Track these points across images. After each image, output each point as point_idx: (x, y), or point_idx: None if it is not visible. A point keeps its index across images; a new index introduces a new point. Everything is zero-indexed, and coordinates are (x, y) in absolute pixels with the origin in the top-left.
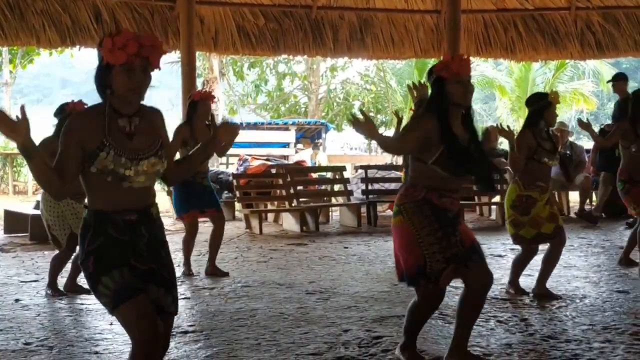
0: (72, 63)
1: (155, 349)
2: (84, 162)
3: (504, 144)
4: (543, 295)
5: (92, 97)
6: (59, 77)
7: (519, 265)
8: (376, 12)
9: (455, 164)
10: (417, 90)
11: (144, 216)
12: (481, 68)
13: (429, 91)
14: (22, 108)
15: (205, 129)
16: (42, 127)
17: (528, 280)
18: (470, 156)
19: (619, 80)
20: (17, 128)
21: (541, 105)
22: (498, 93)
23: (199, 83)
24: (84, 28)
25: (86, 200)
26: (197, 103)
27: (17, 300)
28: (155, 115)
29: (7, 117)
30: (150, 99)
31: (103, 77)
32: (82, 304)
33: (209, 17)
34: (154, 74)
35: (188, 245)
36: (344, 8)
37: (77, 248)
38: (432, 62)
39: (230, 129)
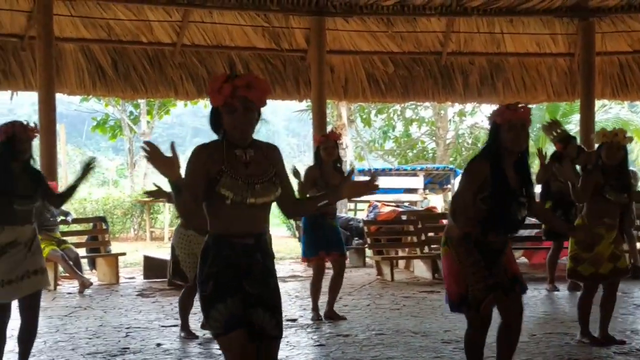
0: (203, 112)
1: None
2: (208, 188)
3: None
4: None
5: None
6: (191, 127)
7: (584, 310)
8: (507, 57)
9: (500, 205)
10: (551, 128)
11: (258, 242)
12: (615, 110)
13: (562, 128)
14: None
15: (333, 172)
16: None
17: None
18: (514, 201)
19: None
20: (171, 164)
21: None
22: (635, 136)
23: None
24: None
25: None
26: (320, 147)
27: (158, 345)
28: (271, 150)
29: (162, 154)
30: (278, 145)
31: (214, 118)
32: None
33: (339, 66)
34: (281, 120)
35: (316, 289)
36: (474, 53)
37: None
38: (564, 105)
39: (357, 188)
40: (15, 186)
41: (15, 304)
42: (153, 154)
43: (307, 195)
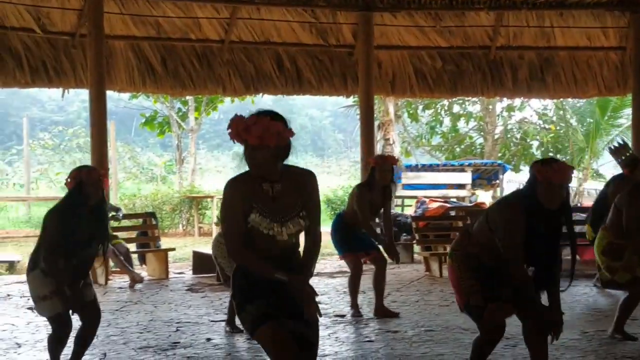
0: (250, 109)
1: None
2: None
3: None
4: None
5: None
6: None
7: (624, 310)
8: (557, 51)
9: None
10: (619, 153)
11: (287, 252)
12: None
13: (629, 151)
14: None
15: (379, 191)
16: (223, 170)
17: None
18: (536, 255)
19: None
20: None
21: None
22: None
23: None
24: (266, 76)
25: None
26: (374, 168)
27: (208, 340)
28: (302, 178)
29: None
30: (324, 141)
31: (244, 151)
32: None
33: (387, 61)
34: (328, 116)
35: (354, 285)
36: (524, 47)
37: None
38: (615, 100)
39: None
40: (79, 231)
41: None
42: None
43: (302, 257)
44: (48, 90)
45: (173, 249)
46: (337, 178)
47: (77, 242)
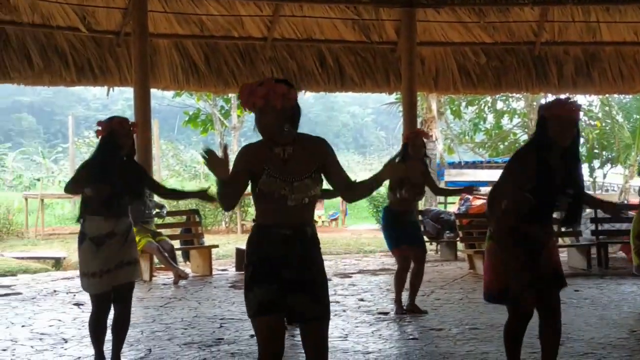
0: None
1: None
2: (252, 185)
3: None
4: None
5: None
6: None
7: None
8: (603, 46)
9: (545, 197)
10: None
11: (299, 233)
12: None
13: None
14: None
15: (415, 164)
16: None
17: None
18: (560, 193)
19: None
20: (222, 164)
21: None
22: None
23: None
24: (309, 73)
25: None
26: (406, 144)
27: (252, 336)
28: (317, 144)
29: (217, 157)
30: (366, 138)
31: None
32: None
33: (430, 58)
34: (370, 113)
35: (400, 280)
36: (569, 43)
37: None
38: None
39: (396, 168)
40: (118, 180)
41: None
42: (210, 158)
43: (357, 181)
44: (92, 89)
45: (216, 246)
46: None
47: (110, 196)
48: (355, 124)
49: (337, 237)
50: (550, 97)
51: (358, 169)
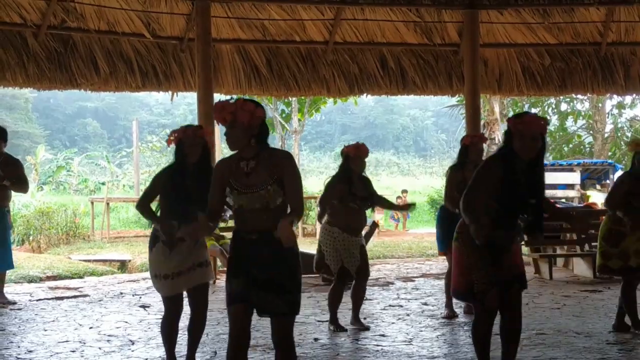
0: (352, 110)
1: (238, 346)
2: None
3: None
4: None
5: (369, 142)
6: (339, 124)
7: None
8: None
9: (509, 206)
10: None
11: (265, 236)
12: None
13: None
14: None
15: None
16: (325, 171)
17: None
18: (522, 203)
19: None
20: (206, 228)
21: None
22: None
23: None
24: (371, 76)
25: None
26: (467, 147)
27: (315, 340)
28: (278, 158)
29: (197, 228)
30: (427, 141)
31: (225, 135)
32: (378, 345)
33: (493, 59)
34: (430, 116)
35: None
36: (636, 43)
37: (347, 280)
38: None
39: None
40: (188, 188)
41: (185, 297)
42: (195, 232)
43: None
44: (155, 94)
45: None
46: (440, 179)
47: (179, 202)
48: (416, 127)
49: (398, 241)
50: (617, 98)
51: (419, 172)
